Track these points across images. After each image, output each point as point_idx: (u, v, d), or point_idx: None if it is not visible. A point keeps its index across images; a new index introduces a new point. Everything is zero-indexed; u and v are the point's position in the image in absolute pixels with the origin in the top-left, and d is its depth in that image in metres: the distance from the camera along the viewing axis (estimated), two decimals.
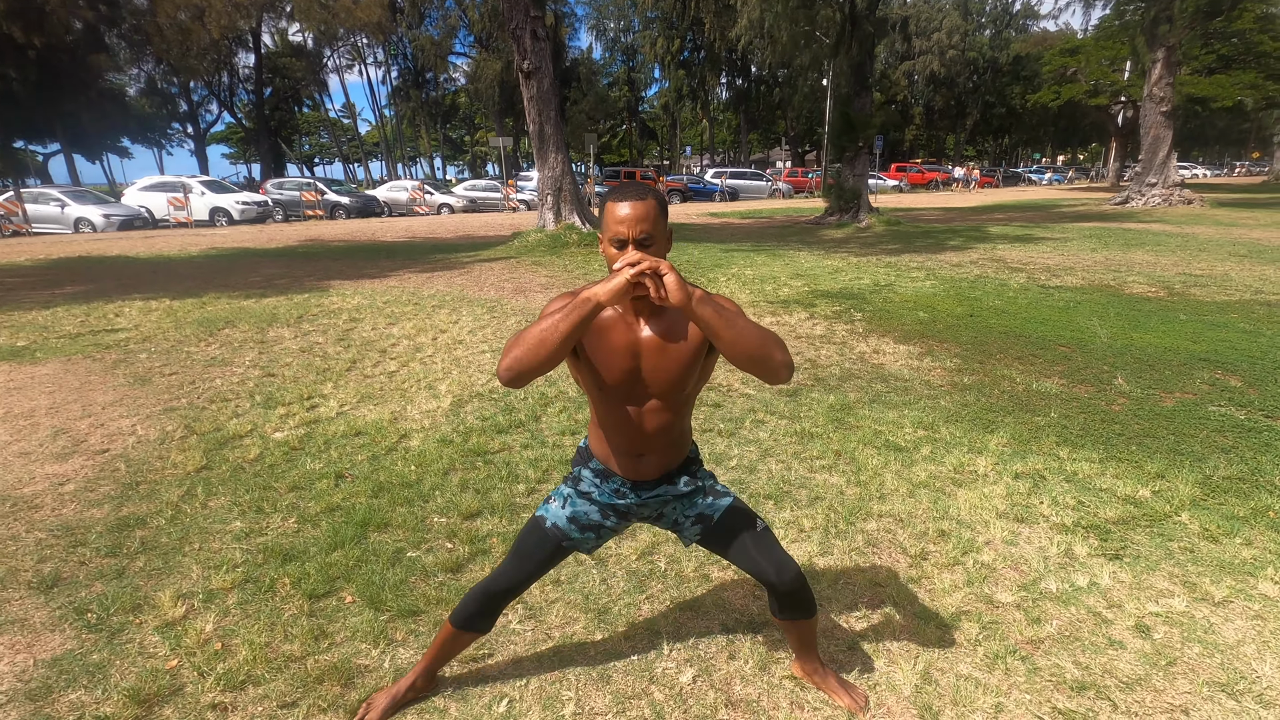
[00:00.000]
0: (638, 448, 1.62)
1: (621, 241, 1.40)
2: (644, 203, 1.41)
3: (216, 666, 2.00)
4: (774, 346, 1.37)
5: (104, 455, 3.54)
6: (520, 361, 1.31)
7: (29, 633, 2.17)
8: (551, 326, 1.30)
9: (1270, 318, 6.32)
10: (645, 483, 1.66)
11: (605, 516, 1.70)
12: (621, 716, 1.82)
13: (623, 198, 1.42)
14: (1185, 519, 2.76)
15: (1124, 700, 1.84)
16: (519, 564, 1.72)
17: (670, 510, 1.72)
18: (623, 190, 1.44)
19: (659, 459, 1.64)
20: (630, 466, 1.64)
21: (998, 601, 2.27)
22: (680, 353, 1.50)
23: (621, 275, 1.28)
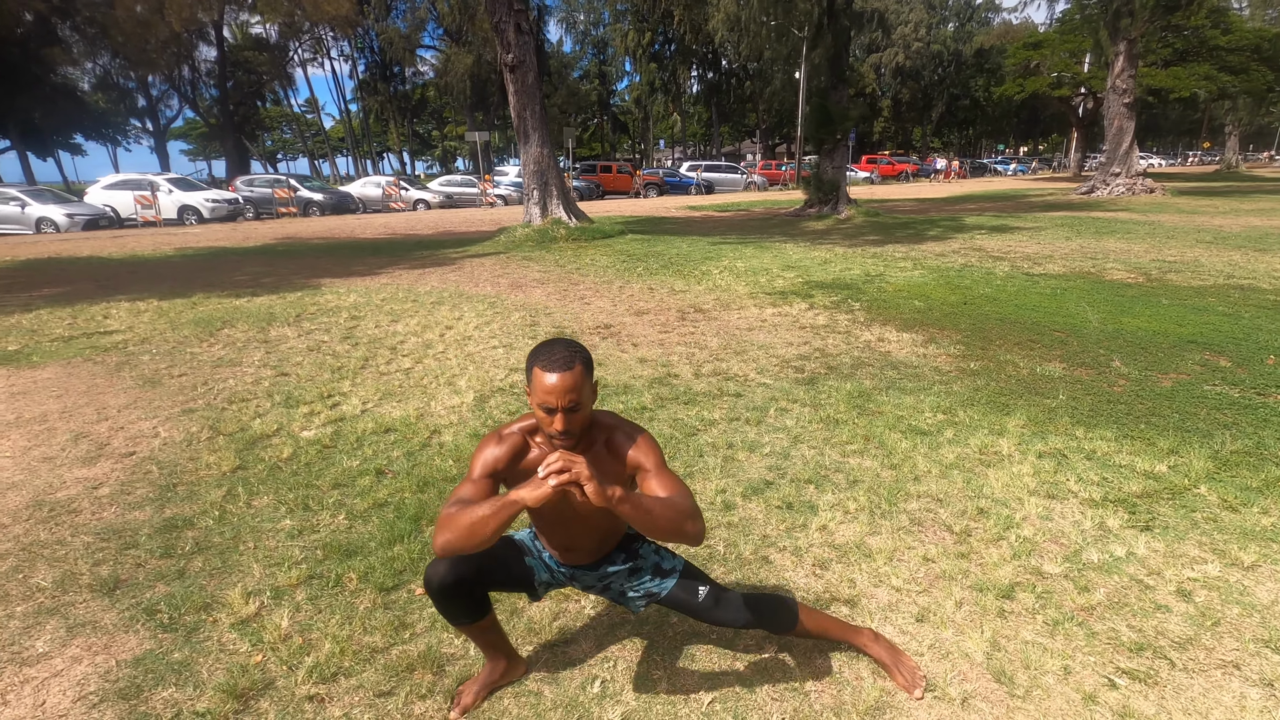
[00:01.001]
0: (567, 544, 1.81)
1: (551, 409, 1.49)
2: (570, 373, 1.48)
3: (304, 660, 2.02)
4: (686, 520, 1.46)
5: (132, 458, 3.49)
6: (452, 545, 1.41)
7: (103, 634, 2.16)
8: (481, 521, 1.38)
9: (1245, 301, 6.62)
10: (580, 565, 1.84)
11: (554, 577, 1.89)
12: (714, 691, 1.89)
13: (550, 368, 1.48)
14: (1204, 491, 2.92)
15: (1180, 658, 1.97)
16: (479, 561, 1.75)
17: (615, 583, 1.86)
18: (549, 358, 1.50)
19: (590, 553, 1.82)
20: (564, 556, 1.83)
21: (1046, 573, 2.39)
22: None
23: (547, 485, 1.34)
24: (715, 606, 1.81)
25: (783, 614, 1.86)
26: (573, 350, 1.52)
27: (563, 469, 1.34)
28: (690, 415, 3.94)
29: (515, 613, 2.24)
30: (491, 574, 1.78)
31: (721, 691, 1.90)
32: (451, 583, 1.68)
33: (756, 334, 5.77)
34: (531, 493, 1.36)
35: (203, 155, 78.10)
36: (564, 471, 1.33)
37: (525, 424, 1.67)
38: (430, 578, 1.69)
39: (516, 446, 1.63)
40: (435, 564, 1.69)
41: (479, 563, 1.73)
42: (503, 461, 1.61)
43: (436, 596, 1.71)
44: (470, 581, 1.71)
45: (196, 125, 67.80)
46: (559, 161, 13.53)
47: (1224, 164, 45.88)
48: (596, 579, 1.86)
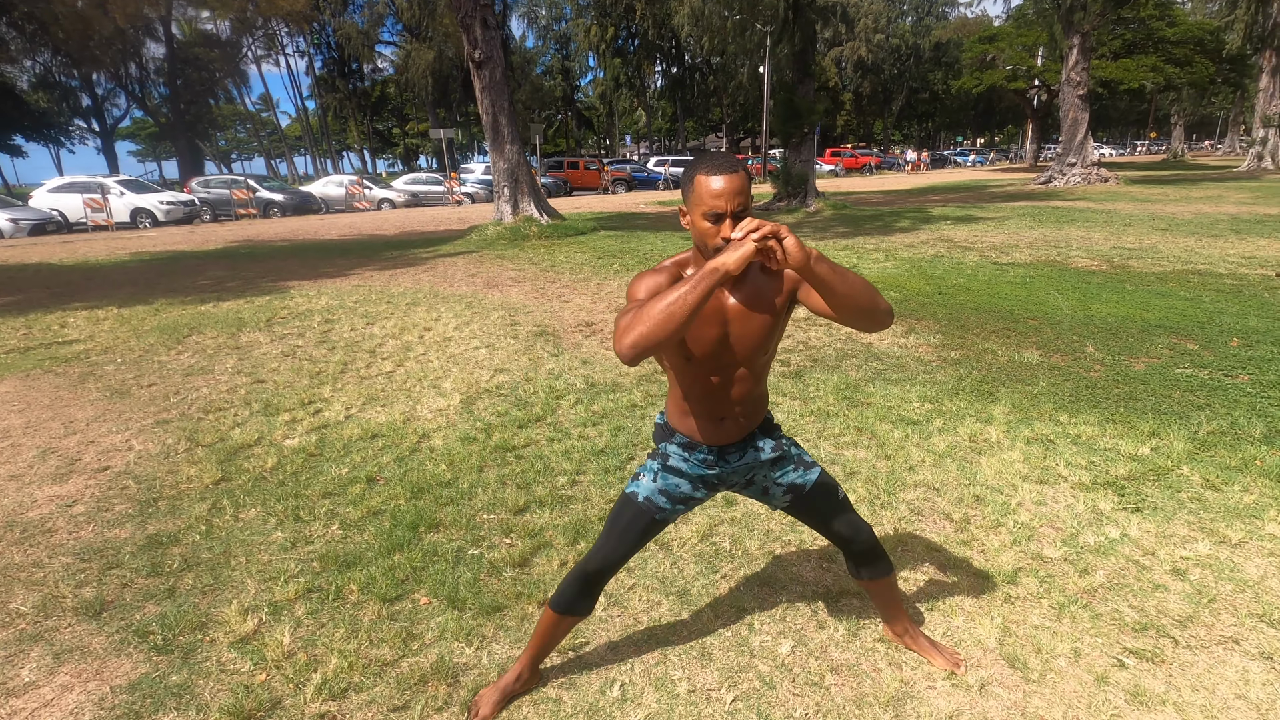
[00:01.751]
0: (720, 412, 1.65)
1: (718, 215, 1.40)
2: (738, 175, 1.40)
3: (310, 677, 1.96)
4: (878, 295, 1.43)
5: (106, 473, 3.35)
6: (646, 338, 1.29)
7: (93, 660, 2.07)
8: (679, 300, 1.28)
9: (1204, 285, 6.86)
10: (730, 448, 1.70)
11: (695, 489, 1.74)
12: (734, 690, 1.89)
13: (716, 170, 1.40)
14: (1186, 471, 3.01)
15: (1183, 636, 2.03)
16: (615, 542, 1.73)
17: (759, 477, 1.77)
18: (713, 162, 1.42)
19: (741, 422, 1.68)
20: (713, 432, 1.67)
21: (1046, 557, 2.43)
22: (764, 317, 1.55)
23: (748, 244, 1.28)
24: (850, 512, 1.81)
25: (887, 560, 1.86)
26: (734, 158, 1.45)
27: (759, 226, 1.28)
28: None
29: (526, 618, 2.20)
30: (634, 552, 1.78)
31: (742, 690, 1.89)
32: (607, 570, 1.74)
33: None
34: (733, 255, 1.28)
35: (153, 156, 75.54)
36: (758, 229, 1.28)
37: (676, 259, 1.58)
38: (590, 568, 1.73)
39: (674, 276, 1.52)
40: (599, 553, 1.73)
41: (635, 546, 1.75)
42: (664, 287, 1.47)
43: (584, 581, 1.74)
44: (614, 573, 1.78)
45: (145, 125, 65.50)
46: (529, 158, 13.38)
47: (1171, 153, 47.53)
48: (745, 471, 1.75)
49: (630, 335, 1.30)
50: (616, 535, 1.73)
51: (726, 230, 1.39)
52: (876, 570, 1.84)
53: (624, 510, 1.74)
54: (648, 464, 1.79)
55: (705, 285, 1.29)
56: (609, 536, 1.74)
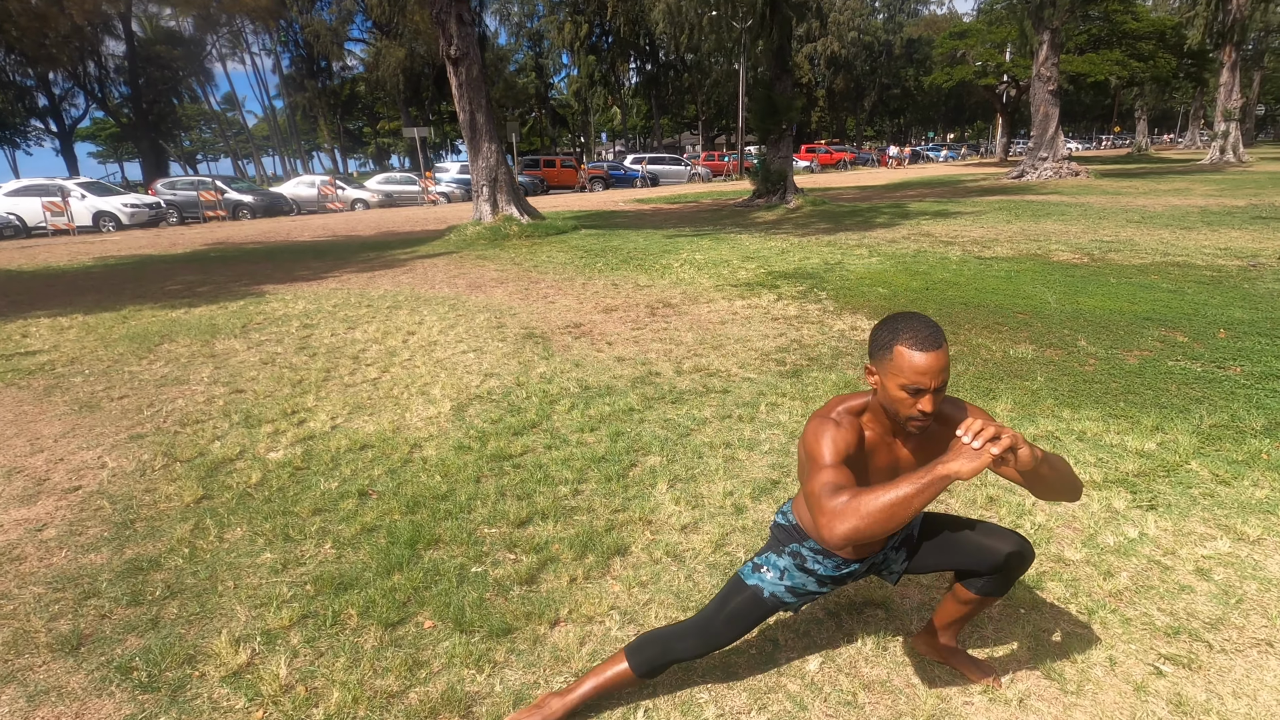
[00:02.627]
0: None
1: (920, 390, 1.40)
2: (943, 352, 1.40)
3: (312, 713, 1.83)
4: (1078, 484, 1.49)
5: (77, 493, 3.17)
6: (863, 533, 1.28)
7: (71, 701, 1.92)
8: (904, 502, 1.26)
9: (1186, 277, 6.94)
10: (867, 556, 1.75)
11: (822, 585, 1.76)
12: (764, 712, 1.80)
13: (923, 346, 1.39)
14: (1195, 466, 3.00)
15: (1216, 639, 1.98)
16: (725, 628, 1.74)
17: (881, 557, 1.78)
18: (917, 335, 1.40)
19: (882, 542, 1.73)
20: (856, 552, 1.71)
21: (1068, 559, 2.38)
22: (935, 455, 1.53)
23: (985, 454, 1.24)
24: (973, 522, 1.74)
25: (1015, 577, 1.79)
26: (936, 326, 1.42)
27: (997, 434, 1.24)
28: (681, 415, 3.84)
29: (538, 641, 2.09)
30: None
31: (773, 711, 1.80)
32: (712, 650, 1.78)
33: (730, 327, 5.71)
34: (969, 464, 1.24)
35: (114, 157, 73.58)
36: (997, 438, 1.23)
37: (850, 405, 1.56)
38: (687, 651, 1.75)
39: (857, 430, 1.52)
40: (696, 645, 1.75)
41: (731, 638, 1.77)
42: (853, 446, 1.49)
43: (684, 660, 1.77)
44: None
45: (105, 125, 63.68)
46: (507, 157, 13.19)
47: (1135, 147, 48.60)
48: (869, 564, 1.77)
49: (845, 526, 1.29)
50: (727, 621, 1.74)
51: (926, 404, 1.41)
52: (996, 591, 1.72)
53: (740, 598, 1.75)
54: (772, 558, 1.77)
55: (934, 490, 1.26)
56: (717, 620, 1.74)
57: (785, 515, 1.80)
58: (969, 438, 1.25)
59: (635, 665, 1.73)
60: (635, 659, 1.74)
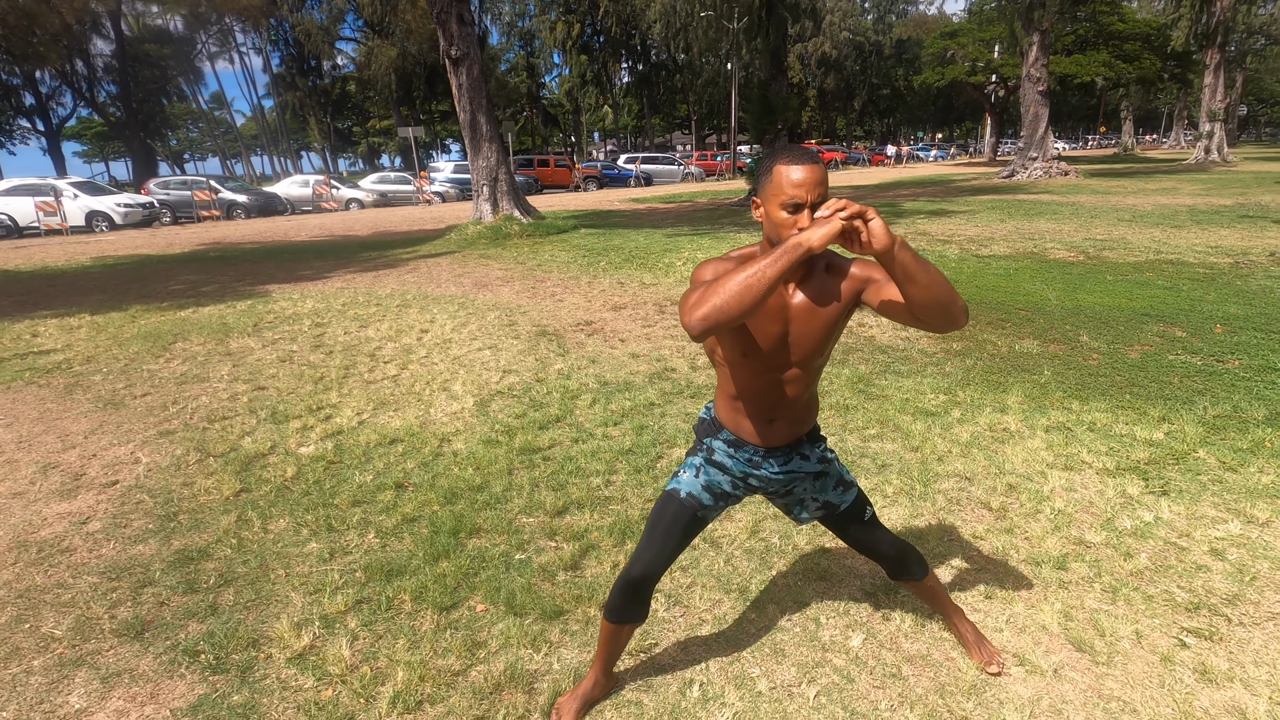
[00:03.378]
0: (770, 413, 1.63)
1: (798, 205, 1.37)
2: (818, 166, 1.39)
3: (380, 690, 1.91)
4: (956, 293, 1.38)
5: (115, 488, 3.22)
6: (721, 310, 1.26)
7: (145, 683, 1.99)
8: (758, 274, 1.26)
9: (1179, 274, 7.11)
10: (777, 451, 1.67)
11: (735, 487, 1.72)
12: (814, 685, 1.90)
13: (796, 160, 1.39)
14: (1203, 454, 3.12)
15: (1234, 614, 2.10)
16: (659, 544, 1.68)
17: (799, 488, 1.75)
18: (792, 154, 1.41)
19: (790, 425, 1.66)
20: (762, 433, 1.65)
21: (1089, 542, 2.50)
22: (827, 316, 1.52)
23: (834, 221, 1.25)
24: (876, 528, 1.81)
25: (921, 563, 1.87)
26: (813, 151, 1.43)
27: (843, 205, 1.26)
28: (700, 408, 3.92)
29: (590, 622, 2.18)
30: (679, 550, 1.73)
31: (822, 684, 1.90)
32: (652, 574, 1.68)
33: None
34: (817, 232, 1.25)
35: (100, 156, 72.86)
36: (845, 209, 1.25)
37: (741, 251, 1.55)
38: (634, 574, 1.67)
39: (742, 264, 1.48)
40: (640, 560, 1.68)
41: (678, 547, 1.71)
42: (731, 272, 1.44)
43: (632, 589, 1.68)
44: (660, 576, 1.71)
45: (91, 124, 63.02)
46: (508, 156, 13.24)
47: (1121, 147, 49.16)
48: (784, 478, 1.70)
49: (703, 308, 1.27)
50: (660, 537, 1.69)
51: (804, 220, 1.36)
52: (909, 575, 1.86)
53: (665, 508, 1.70)
54: (689, 460, 1.77)
55: (786, 260, 1.26)
56: (651, 539, 1.70)
57: (708, 409, 1.79)
58: (824, 211, 1.27)
59: (608, 613, 1.74)
60: (609, 612, 1.74)
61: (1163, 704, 1.78)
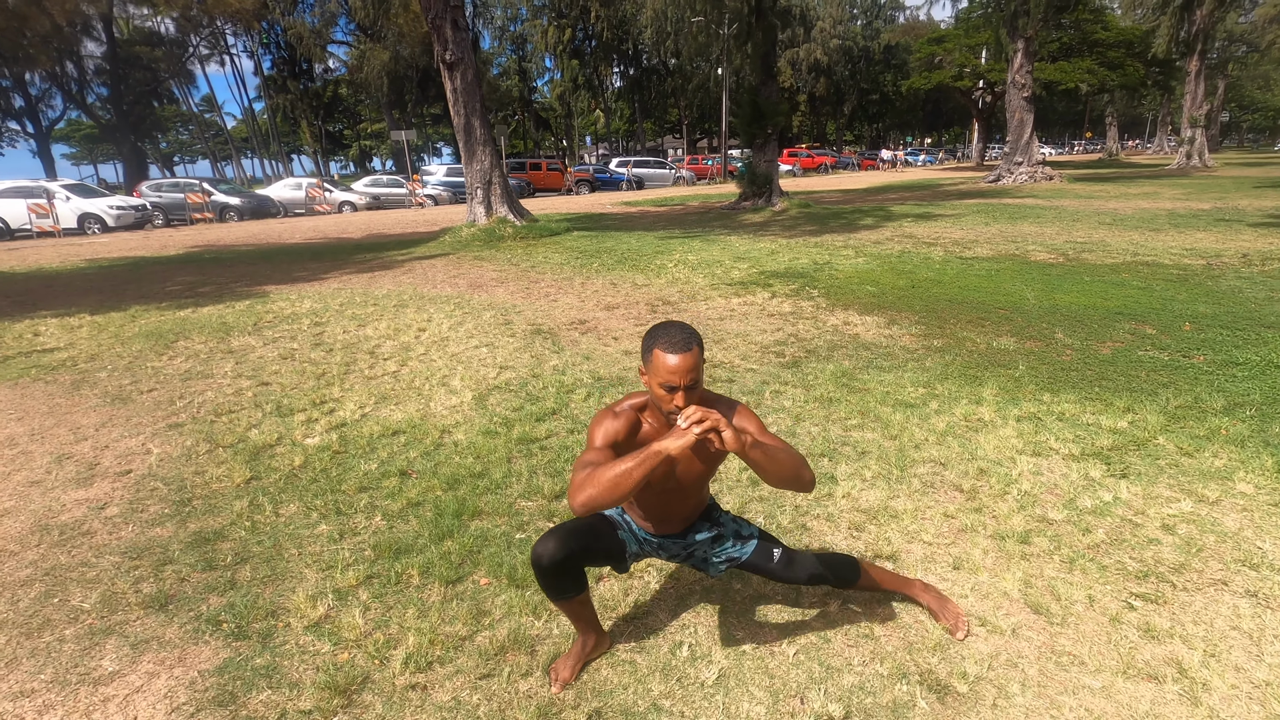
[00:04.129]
0: (662, 516, 1.95)
1: (672, 387, 1.61)
2: (691, 354, 1.61)
3: (393, 653, 2.06)
4: (804, 468, 1.63)
5: (129, 476, 3.35)
6: (594, 501, 1.50)
7: (172, 649, 2.13)
8: (626, 474, 1.49)
9: (1154, 275, 7.35)
10: (671, 535, 2.00)
11: (642, 547, 2.01)
12: (794, 645, 2.06)
13: (672, 349, 1.60)
14: (1162, 441, 3.32)
15: (1180, 580, 2.28)
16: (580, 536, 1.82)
17: (699, 552, 2.03)
18: (670, 340, 1.62)
19: (681, 521, 1.98)
20: (656, 527, 1.98)
21: (1051, 519, 2.68)
22: (708, 459, 1.82)
23: (689, 434, 1.48)
24: (789, 566, 1.99)
25: (847, 570, 2.05)
26: (689, 333, 1.64)
27: (702, 419, 1.47)
28: None
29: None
30: (592, 550, 1.87)
31: (801, 644, 2.07)
32: (561, 559, 1.76)
33: (729, 323, 5.99)
34: (675, 442, 1.48)
35: (89, 159, 72.46)
36: (702, 421, 1.47)
37: (634, 402, 1.79)
38: (539, 555, 1.76)
39: (631, 422, 1.75)
40: (543, 542, 1.77)
41: (584, 540, 1.83)
42: (621, 434, 1.72)
43: (546, 572, 1.78)
44: (576, 557, 1.81)
45: (80, 126, 62.73)
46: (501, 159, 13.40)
47: (1106, 152, 49.87)
48: (682, 547, 2.00)
49: (581, 495, 1.51)
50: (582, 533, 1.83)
51: (679, 399, 1.61)
52: (846, 584, 2.05)
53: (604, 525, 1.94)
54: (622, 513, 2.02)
55: (649, 465, 1.49)
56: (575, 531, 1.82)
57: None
58: (681, 421, 1.49)
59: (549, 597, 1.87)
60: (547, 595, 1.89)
61: (1108, 657, 1.96)
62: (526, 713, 1.83)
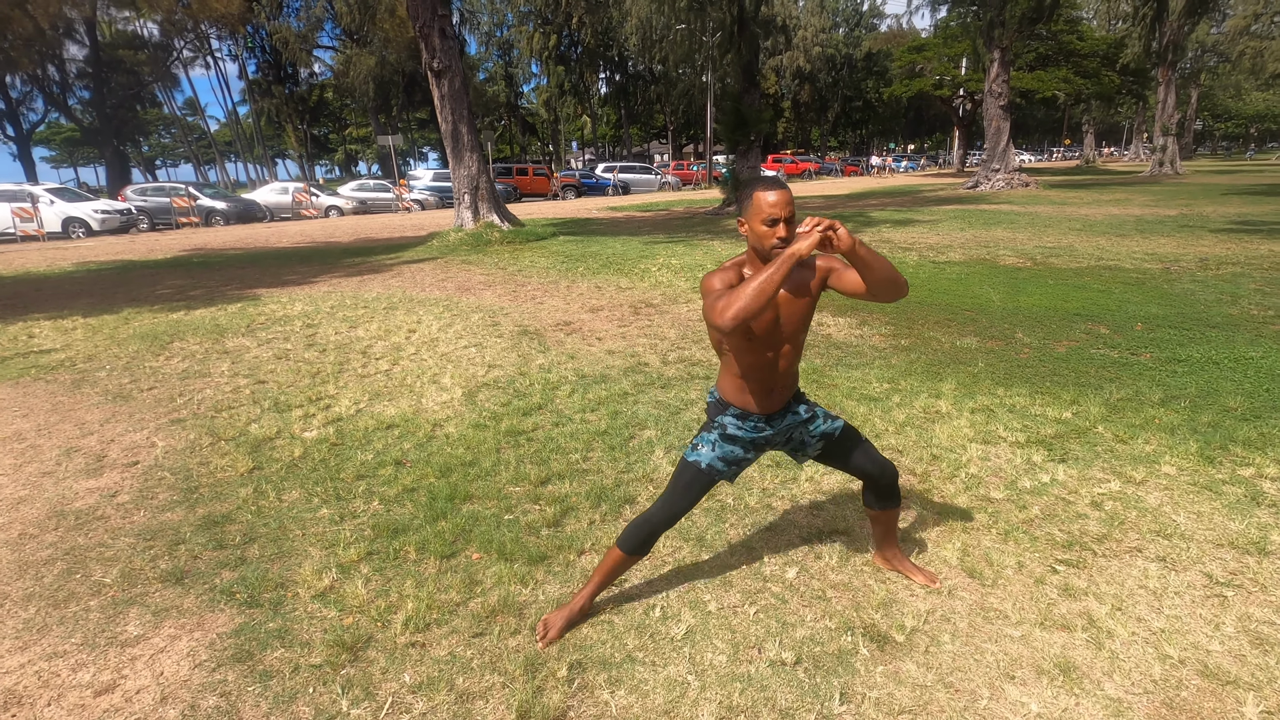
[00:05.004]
0: (770, 384, 2.06)
1: (775, 220, 1.82)
2: (787, 191, 1.87)
3: (394, 617, 2.29)
4: (898, 272, 1.87)
5: (137, 467, 3.54)
6: (746, 309, 1.70)
7: (190, 616, 2.34)
8: (768, 279, 1.70)
9: (1114, 279, 7.71)
10: (775, 414, 2.12)
11: (748, 451, 2.15)
12: (755, 606, 2.31)
13: (770, 188, 1.85)
14: (1101, 430, 3.61)
15: (1100, 548, 2.56)
16: (679, 500, 2.12)
17: (797, 433, 2.19)
18: (766, 183, 1.87)
19: (784, 392, 2.10)
20: (764, 403, 2.08)
21: (993, 498, 2.95)
22: (805, 302, 1.99)
23: (814, 234, 1.71)
24: (870, 449, 2.23)
25: (898, 488, 2.28)
26: (781, 180, 1.90)
27: (819, 222, 1.72)
28: (670, 397, 4.35)
29: (569, 565, 2.57)
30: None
31: (761, 604, 2.31)
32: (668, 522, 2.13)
33: None
34: (803, 243, 1.71)
35: (69, 162, 71.69)
36: (820, 224, 1.72)
37: (736, 260, 1.97)
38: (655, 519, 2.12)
39: (738, 271, 1.93)
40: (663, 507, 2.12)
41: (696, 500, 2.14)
42: (735, 281, 1.88)
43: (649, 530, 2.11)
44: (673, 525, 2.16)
45: (60, 130, 62.09)
46: (488, 164, 13.61)
47: (1083, 159, 50.87)
48: (782, 431, 2.14)
49: (732, 309, 1.71)
50: (680, 494, 2.11)
51: (781, 231, 1.83)
52: (889, 503, 2.27)
53: (686, 474, 2.12)
54: (704, 435, 2.16)
55: (786, 266, 1.71)
56: (674, 495, 2.12)
57: (713, 393, 2.21)
58: (804, 227, 1.73)
59: (623, 545, 2.15)
60: (624, 544, 2.16)
61: (1029, 611, 2.22)
62: (515, 664, 2.06)
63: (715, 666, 2.04)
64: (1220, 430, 3.54)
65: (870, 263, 1.80)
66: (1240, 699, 1.84)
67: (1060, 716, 1.81)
